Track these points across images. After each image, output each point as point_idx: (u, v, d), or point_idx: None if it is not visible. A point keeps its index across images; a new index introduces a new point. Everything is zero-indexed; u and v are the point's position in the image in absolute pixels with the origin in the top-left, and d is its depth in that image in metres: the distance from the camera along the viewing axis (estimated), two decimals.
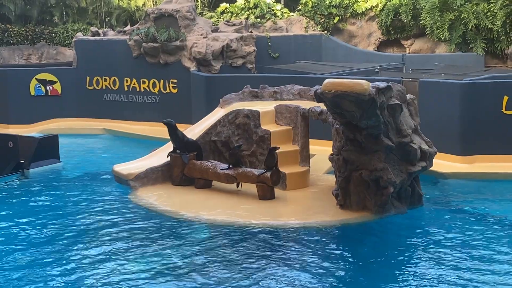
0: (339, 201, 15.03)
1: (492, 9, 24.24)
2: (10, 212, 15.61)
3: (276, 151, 15.96)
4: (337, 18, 28.23)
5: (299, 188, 16.43)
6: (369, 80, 13.74)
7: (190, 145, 17.36)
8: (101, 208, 15.77)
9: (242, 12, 28.81)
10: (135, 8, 32.43)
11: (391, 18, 27.27)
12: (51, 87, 26.73)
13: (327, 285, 11.37)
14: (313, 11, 28.14)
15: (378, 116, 13.51)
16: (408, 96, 15.14)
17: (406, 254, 12.78)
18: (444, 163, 17.97)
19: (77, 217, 15.16)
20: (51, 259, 12.48)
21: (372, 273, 11.84)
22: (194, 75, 24.58)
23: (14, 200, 16.72)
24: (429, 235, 13.85)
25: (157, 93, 25.82)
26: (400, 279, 11.61)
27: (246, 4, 28.92)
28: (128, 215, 15.19)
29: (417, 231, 14.24)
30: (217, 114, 18.51)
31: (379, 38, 28.38)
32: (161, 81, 25.67)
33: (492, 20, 24.23)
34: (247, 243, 13.24)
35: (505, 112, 18.29)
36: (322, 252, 12.92)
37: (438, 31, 25.38)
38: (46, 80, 26.71)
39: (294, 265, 12.15)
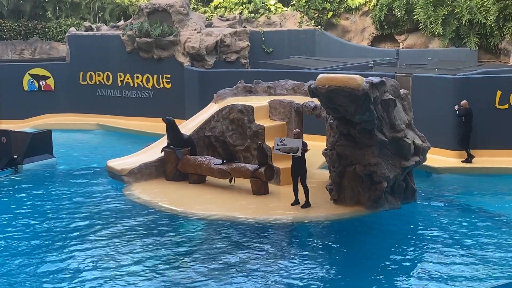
0: (333, 196, 15.05)
1: (485, 4, 24.30)
2: (3, 208, 15.56)
3: (264, 146, 16.06)
4: (330, 13, 28.23)
5: None
6: (363, 75, 13.77)
7: (184, 140, 17.35)
8: (95, 204, 15.75)
9: (236, 7, 28.78)
10: (129, 3, 32.32)
11: (384, 13, 27.29)
12: (44, 82, 26.66)
13: (320, 278, 11.39)
14: (307, 6, 28.13)
15: (371, 111, 13.52)
16: (402, 91, 15.15)
17: (399, 248, 12.80)
18: (437, 158, 18.02)
19: (71, 212, 15.12)
20: (43, 255, 12.46)
21: (365, 266, 11.86)
22: (188, 70, 24.54)
23: (7, 196, 16.66)
24: (422, 230, 13.89)
25: (150, 88, 25.78)
26: (394, 273, 11.63)
27: None
28: (121, 210, 15.18)
29: (411, 225, 14.28)
30: (211, 109, 18.50)
31: (373, 33, 28.41)
32: (155, 76, 25.62)
33: (485, 15, 24.29)
34: (242, 238, 13.24)
35: (498, 106, 18.35)
36: (316, 246, 12.95)
37: (432, 26, 25.43)
38: (39, 75, 26.64)
39: (287, 259, 12.17)
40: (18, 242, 13.21)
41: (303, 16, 28.02)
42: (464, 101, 17.86)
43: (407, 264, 12.06)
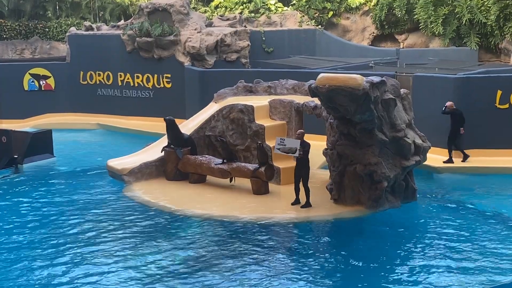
0: (333, 195, 15.05)
1: (485, 3, 24.30)
2: (3, 208, 15.56)
3: (264, 146, 16.06)
4: (331, 13, 28.24)
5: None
6: (363, 75, 13.77)
7: (184, 140, 17.35)
8: (96, 203, 15.75)
9: (236, 6, 28.78)
10: (129, 2, 32.31)
11: (385, 12, 27.30)
12: (44, 82, 26.66)
13: (320, 278, 11.39)
14: (307, 6, 28.13)
15: (372, 111, 13.52)
16: (402, 90, 15.15)
17: (399, 248, 12.81)
18: (438, 158, 18.01)
19: (72, 212, 15.13)
20: (45, 255, 12.47)
21: (365, 266, 11.86)
22: (188, 69, 24.55)
23: (8, 195, 16.65)
24: (422, 229, 13.90)
25: (151, 87, 25.78)
26: (394, 272, 11.64)
27: None
28: (122, 210, 15.18)
29: (411, 225, 14.28)
30: (211, 108, 18.50)
31: (373, 32, 28.40)
32: (155, 75, 25.62)
33: (486, 15, 24.29)
34: (241, 237, 13.25)
35: (498, 106, 18.34)
36: (316, 246, 12.95)
37: (432, 25, 25.43)
38: (40, 75, 26.63)
39: (287, 259, 12.19)
40: (18, 241, 13.22)
41: (303, 16, 28.02)
42: (450, 102, 17.88)
43: (407, 263, 12.07)
